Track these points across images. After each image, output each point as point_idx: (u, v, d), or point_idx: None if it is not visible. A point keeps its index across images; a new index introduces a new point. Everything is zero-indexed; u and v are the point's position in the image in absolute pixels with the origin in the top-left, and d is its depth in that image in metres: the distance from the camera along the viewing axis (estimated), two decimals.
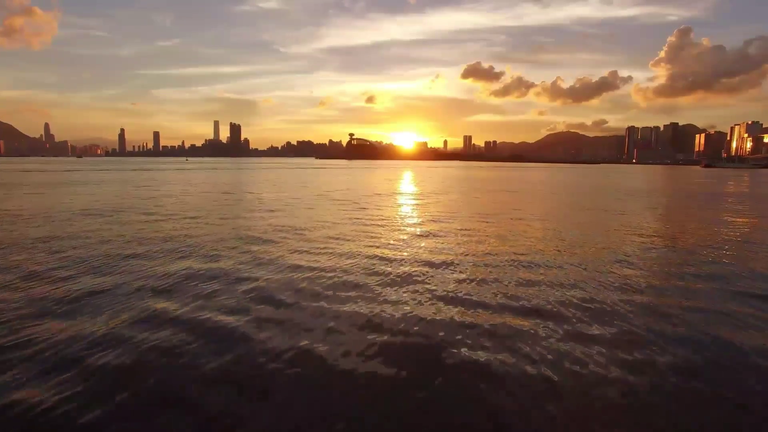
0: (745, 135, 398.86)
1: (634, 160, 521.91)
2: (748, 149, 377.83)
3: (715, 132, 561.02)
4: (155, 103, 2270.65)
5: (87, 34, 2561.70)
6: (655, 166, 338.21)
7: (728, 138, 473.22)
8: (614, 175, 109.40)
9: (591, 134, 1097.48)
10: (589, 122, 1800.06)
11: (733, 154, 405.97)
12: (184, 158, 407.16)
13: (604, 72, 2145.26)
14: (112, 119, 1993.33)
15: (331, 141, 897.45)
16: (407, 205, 30.39)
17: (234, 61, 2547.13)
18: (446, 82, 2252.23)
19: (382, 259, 14.33)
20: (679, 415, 5.89)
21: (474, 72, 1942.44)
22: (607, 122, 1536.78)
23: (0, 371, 6.71)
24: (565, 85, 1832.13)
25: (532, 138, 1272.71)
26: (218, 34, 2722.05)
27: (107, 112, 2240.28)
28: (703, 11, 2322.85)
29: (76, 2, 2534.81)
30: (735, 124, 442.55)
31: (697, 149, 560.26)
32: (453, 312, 9.47)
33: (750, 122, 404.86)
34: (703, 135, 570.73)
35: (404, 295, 10.65)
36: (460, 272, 12.76)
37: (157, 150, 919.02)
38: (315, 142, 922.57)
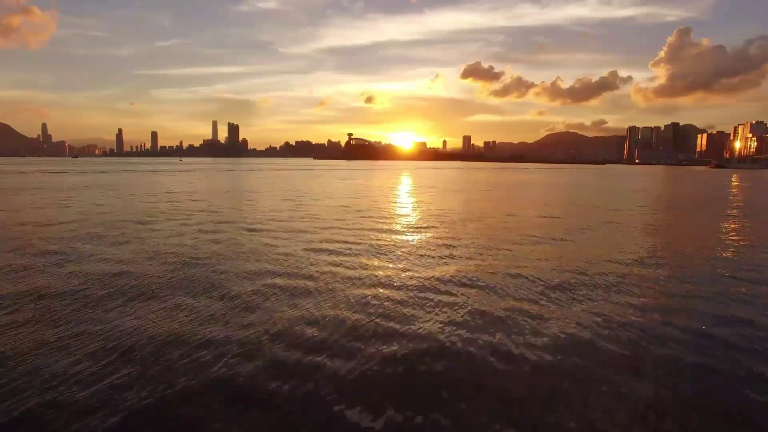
0: (750, 135, 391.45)
1: (637, 161, 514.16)
2: (753, 149, 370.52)
3: (717, 132, 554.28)
4: (154, 103, 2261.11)
5: (85, 34, 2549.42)
6: (660, 166, 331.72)
7: (731, 138, 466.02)
8: (632, 178, 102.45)
9: (590, 134, 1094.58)
10: (588, 122, 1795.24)
11: (737, 154, 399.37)
12: (177, 158, 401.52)
13: (602, 72, 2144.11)
14: (111, 119, 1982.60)
15: (329, 141, 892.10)
16: (425, 243, 22.79)
17: (233, 62, 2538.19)
18: (445, 82, 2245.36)
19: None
20: None
21: (474, 72, 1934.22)
22: (606, 122, 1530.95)
23: None
24: (565, 85, 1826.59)
25: (531, 138, 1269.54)
26: (217, 34, 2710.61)
27: (105, 112, 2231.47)
28: (700, 12, 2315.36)
29: (74, 2, 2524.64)
30: (738, 124, 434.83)
31: (698, 149, 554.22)
32: None
33: (754, 122, 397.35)
34: (705, 135, 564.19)
35: None
36: None
37: (155, 150, 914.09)
38: (314, 143, 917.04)
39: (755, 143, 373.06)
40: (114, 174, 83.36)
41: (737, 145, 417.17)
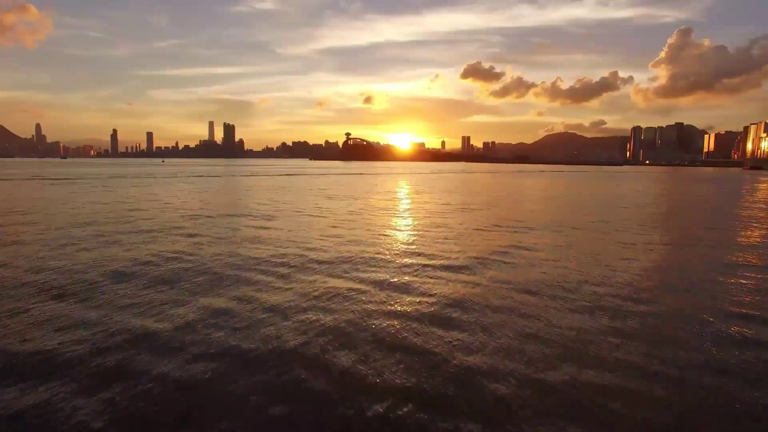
0: (764, 134, 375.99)
1: (647, 162, 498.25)
2: None
3: (726, 132, 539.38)
4: (151, 103, 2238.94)
5: (82, 34, 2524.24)
6: (674, 168, 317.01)
7: (740, 137, 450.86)
8: (690, 184, 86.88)
9: (589, 135, 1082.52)
10: (586, 123, 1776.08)
11: (748, 155, 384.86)
12: (159, 160, 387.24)
13: (602, 73, 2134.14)
14: (107, 120, 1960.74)
15: (327, 141, 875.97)
16: None
17: (230, 62, 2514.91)
18: (444, 82, 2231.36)
19: None
20: None
21: (474, 72, 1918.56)
22: (605, 123, 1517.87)
23: None
24: (565, 85, 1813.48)
25: (529, 139, 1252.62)
26: (214, 34, 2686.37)
27: (102, 112, 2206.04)
28: (697, 13, 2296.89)
29: (71, 2, 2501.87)
30: (751, 124, 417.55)
31: (706, 150, 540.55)
32: None
33: None
34: (712, 135, 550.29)
35: None
36: None
37: (151, 151, 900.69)
38: (311, 143, 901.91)
39: None
40: (45, 183, 68.00)
41: (749, 146, 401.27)
